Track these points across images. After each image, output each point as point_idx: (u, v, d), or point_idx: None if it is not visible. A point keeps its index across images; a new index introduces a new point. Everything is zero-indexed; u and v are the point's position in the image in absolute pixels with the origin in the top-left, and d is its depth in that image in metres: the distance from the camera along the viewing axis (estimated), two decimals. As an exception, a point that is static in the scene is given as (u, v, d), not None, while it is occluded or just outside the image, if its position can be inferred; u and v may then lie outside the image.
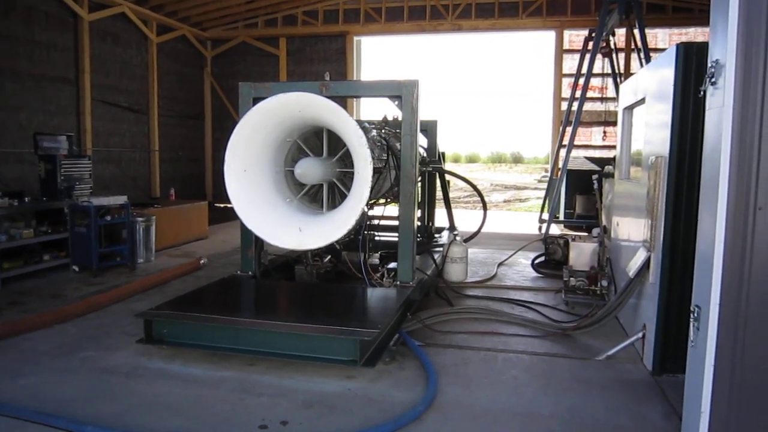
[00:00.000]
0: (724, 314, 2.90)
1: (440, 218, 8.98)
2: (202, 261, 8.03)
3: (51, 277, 7.33)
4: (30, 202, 7.47)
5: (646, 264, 4.43)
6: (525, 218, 15.57)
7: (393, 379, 4.20)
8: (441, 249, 7.34)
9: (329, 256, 6.51)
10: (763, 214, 2.69)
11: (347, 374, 4.18)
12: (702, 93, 3.09)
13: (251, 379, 4.14)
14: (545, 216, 12.53)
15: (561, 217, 13.16)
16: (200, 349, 4.32)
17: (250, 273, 5.84)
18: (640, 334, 4.56)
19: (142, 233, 8.31)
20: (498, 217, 16.55)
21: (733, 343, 2.90)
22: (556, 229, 12.72)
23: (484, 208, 8.24)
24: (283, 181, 5.55)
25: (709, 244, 2.86)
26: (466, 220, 14.11)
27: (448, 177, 8.78)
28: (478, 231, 8.50)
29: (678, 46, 4.03)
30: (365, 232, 5.63)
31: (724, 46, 2.74)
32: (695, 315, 3.05)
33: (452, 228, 9.39)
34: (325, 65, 16.42)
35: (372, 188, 5.58)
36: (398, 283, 5.47)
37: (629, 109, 5.89)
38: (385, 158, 5.80)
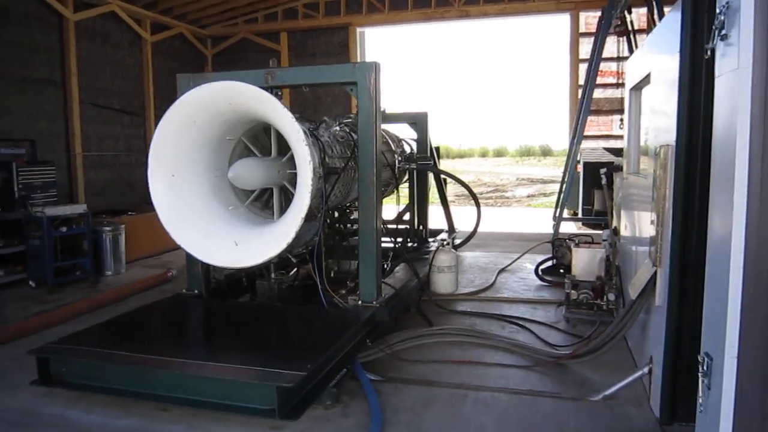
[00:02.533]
0: (746, 369, 2.00)
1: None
2: (170, 273, 7.34)
3: (3, 294, 6.72)
4: (-20, 213, 6.88)
5: (652, 281, 3.50)
6: (543, 215, 14.52)
7: (331, 430, 3.38)
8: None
9: (294, 269, 5.72)
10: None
11: (273, 424, 3.38)
12: (709, 53, 2.19)
13: (157, 430, 3.38)
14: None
15: (579, 213, 12.16)
16: (100, 392, 3.57)
17: (196, 292, 5.10)
18: (645, 369, 3.63)
19: (110, 243, 7.67)
20: (514, 215, 15.60)
21: (760, 413, 2.00)
22: (572, 227, 11.71)
23: (478, 208, 7.34)
24: (228, 186, 4.75)
25: (720, 260, 1.97)
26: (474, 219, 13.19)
27: (447, 174, 7.88)
28: (471, 236, 7.61)
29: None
30: (321, 243, 4.80)
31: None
32: (705, 368, 2.16)
33: (451, 230, 8.54)
34: (328, 59, 15.67)
35: (329, 192, 4.82)
36: (360, 303, 4.65)
37: (636, 89, 4.94)
38: (350, 156, 4.97)
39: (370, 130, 4.50)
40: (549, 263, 7.44)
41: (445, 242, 6.43)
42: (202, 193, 4.51)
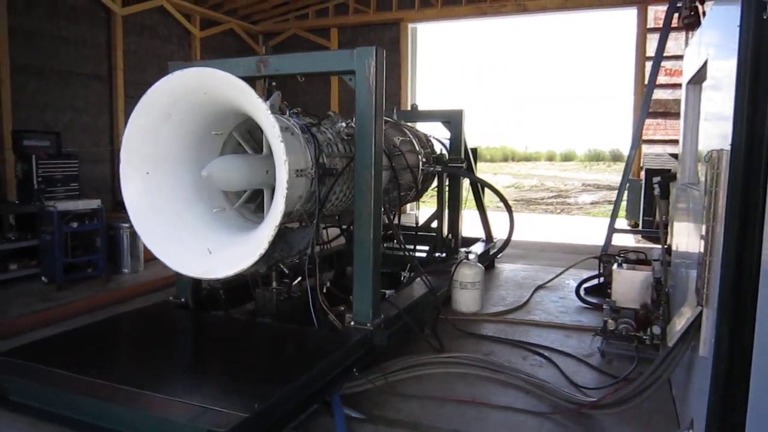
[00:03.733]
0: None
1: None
2: (183, 275, 6.98)
3: (15, 289, 6.58)
4: (-3, 205, 6.77)
5: (696, 323, 2.73)
6: (603, 225, 13.43)
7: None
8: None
9: (299, 278, 5.20)
10: None
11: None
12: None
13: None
14: (619, 224, 10.53)
15: (640, 225, 11.09)
16: (34, 416, 3.15)
17: (183, 300, 4.67)
18: (685, 434, 2.86)
19: (128, 241, 7.42)
20: (571, 224, 14.56)
21: None
22: (631, 240, 10.66)
23: (510, 216, 6.56)
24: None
25: None
26: (530, 226, 12.31)
27: (475, 178, 7.17)
28: (503, 248, 6.86)
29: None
30: (314, 252, 4.24)
31: None
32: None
33: (488, 239, 7.82)
34: (379, 56, 15.17)
35: (325, 195, 4.26)
36: (352, 324, 4.07)
37: (695, 82, 4.11)
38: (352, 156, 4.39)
39: (368, 126, 3.90)
40: (594, 281, 6.60)
41: (469, 254, 5.73)
42: (182, 193, 4.05)
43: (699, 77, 3.92)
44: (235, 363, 3.56)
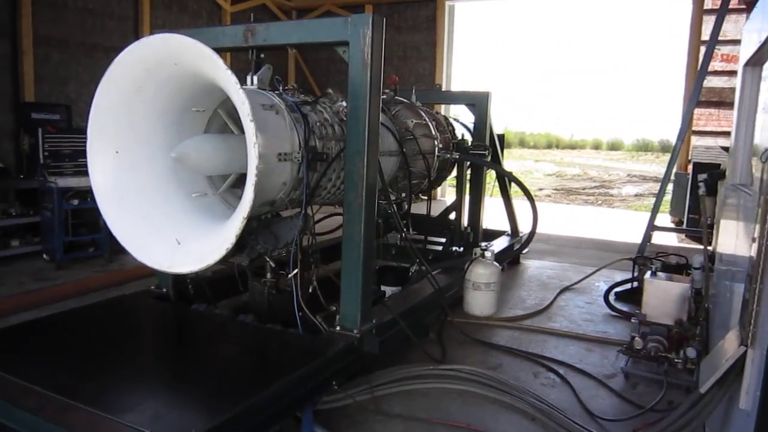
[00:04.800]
0: None
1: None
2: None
3: (15, 265, 6.40)
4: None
5: (738, 365, 2.17)
6: (644, 220, 12.62)
7: None
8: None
9: (295, 270, 4.78)
10: None
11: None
12: None
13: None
14: (662, 221, 9.77)
15: (684, 223, 10.27)
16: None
17: (164, 291, 4.31)
18: (715, 498, 2.31)
19: (135, 220, 7.14)
20: (612, 217, 13.74)
21: None
22: (674, 239, 9.87)
23: (534, 213, 5.96)
24: (199, 168, 3.87)
25: None
26: (566, 218, 11.59)
27: (495, 167, 6.58)
28: (526, 244, 6.28)
29: None
30: (300, 246, 3.79)
31: None
32: None
33: (514, 233, 7.25)
34: (414, 34, 14.58)
35: (316, 182, 3.81)
36: (338, 328, 3.62)
37: (754, 64, 3.45)
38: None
39: (361, 105, 3.41)
40: (627, 286, 5.98)
41: (485, 251, 5.19)
42: (157, 175, 3.64)
43: (759, 58, 3.27)
44: (196, 370, 3.16)
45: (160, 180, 3.66)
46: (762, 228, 1.99)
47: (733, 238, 3.12)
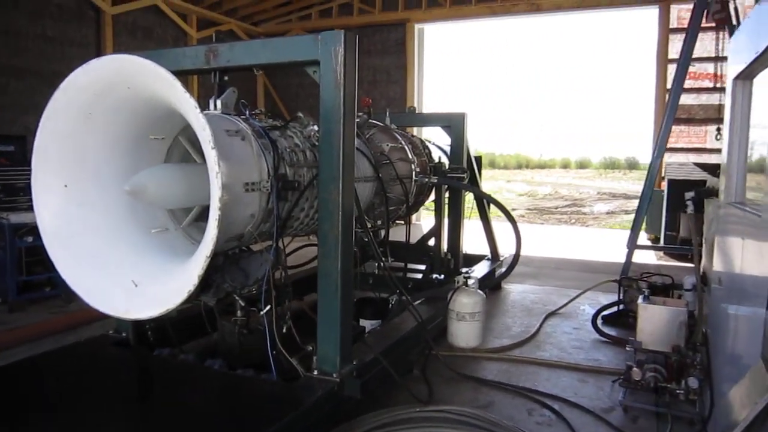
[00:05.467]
0: None
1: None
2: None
3: (-36, 311, 5.91)
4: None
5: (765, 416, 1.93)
6: (620, 239, 12.56)
7: None
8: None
9: (267, 307, 4.44)
10: None
11: None
12: None
13: None
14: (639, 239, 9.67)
15: (661, 240, 10.21)
16: None
17: (123, 335, 3.95)
18: None
19: (95, 256, 6.71)
20: (587, 237, 13.68)
21: None
22: (652, 257, 9.79)
23: (518, 239, 5.75)
24: (159, 200, 3.55)
25: None
26: (542, 239, 11.41)
27: (475, 191, 6.38)
28: (509, 271, 6.06)
29: None
30: (271, 283, 3.48)
31: None
32: None
33: (494, 257, 7.03)
34: (384, 58, 14.49)
35: (287, 212, 3.52)
36: (316, 372, 3.31)
37: (744, 78, 3.31)
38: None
39: (335, 129, 3.15)
40: (612, 310, 5.79)
41: (468, 279, 4.94)
42: (110, 210, 3.31)
43: (752, 71, 3.12)
44: (157, 428, 2.81)
45: (114, 216, 3.34)
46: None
47: (737, 259, 2.92)
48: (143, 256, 3.32)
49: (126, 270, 3.18)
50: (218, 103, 3.50)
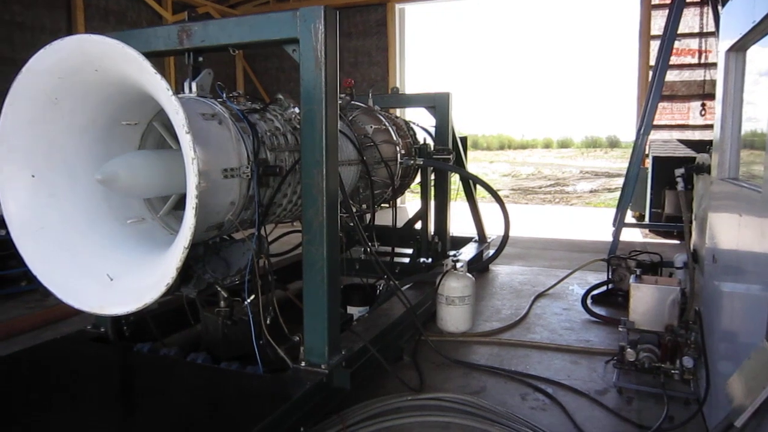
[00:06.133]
0: None
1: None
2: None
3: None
4: None
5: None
6: (605, 217, 12.55)
7: None
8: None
9: (252, 297, 4.32)
10: None
11: None
12: None
13: None
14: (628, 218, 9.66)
15: (646, 217, 10.20)
16: None
17: (102, 330, 3.80)
18: None
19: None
20: (571, 215, 13.69)
21: None
22: (637, 234, 9.80)
23: (506, 220, 5.66)
24: (134, 189, 3.38)
25: None
26: (527, 220, 11.35)
27: (461, 171, 6.27)
28: (498, 254, 5.98)
29: None
30: (255, 272, 3.35)
31: None
32: None
33: (482, 240, 6.95)
34: (365, 39, 14.23)
35: (269, 199, 3.38)
36: (303, 364, 3.20)
37: (737, 50, 3.21)
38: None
39: (316, 110, 3.01)
40: (602, 289, 5.75)
41: (456, 262, 4.85)
42: (82, 200, 3.15)
43: (745, 42, 3.03)
44: (139, 427, 2.68)
45: (87, 206, 3.18)
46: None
47: (734, 236, 2.85)
48: (118, 248, 3.17)
49: (100, 264, 3.03)
50: (193, 85, 3.33)
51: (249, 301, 3.59)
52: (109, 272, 2.92)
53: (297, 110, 3.79)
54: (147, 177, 2.94)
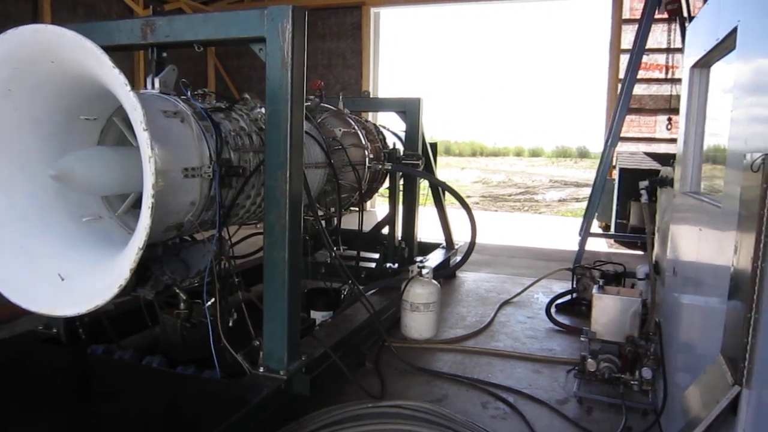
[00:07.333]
0: None
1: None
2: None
3: None
4: None
5: (730, 407, 1.87)
6: (572, 226, 12.71)
7: None
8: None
9: (212, 299, 4.22)
10: None
11: None
12: None
13: None
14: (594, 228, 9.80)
15: (612, 228, 10.37)
16: None
17: (54, 331, 3.66)
18: None
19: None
20: (540, 224, 13.85)
21: None
22: (603, 244, 9.96)
23: (473, 228, 5.67)
24: (91, 186, 3.26)
25: None
26: (496, 227, 11.43)
27: (430, 178, 6.27)
28: (464, 261, 5.99)
29: None
30: (214, 275, 3.27)
31: None
32: None
33: (449, 245, 6.95)
34: (339, 42, 14.19)
35: (232, 200, 3.31)
36: (262, 369, 3.13)
37: (701, 66, 3.27)
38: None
39: (282, 111, 2.95)
40: (566, 298, 5.80)
41: (422, 269, 4.83)
42: (35, 197, 3.03)
43: (709, 59, 3.08)
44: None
45: (41, 203, 3.06)
46: (756, 247, 1.71)
47: (694, 249, 2.89)
48: (73, 247, 3.05)
49: (52, 263, 2.91)
50: (156, 81, 3.24)
51: (209, 304, 3.51)
52: (62, 272, 2.81)
53: (263, 110, 3.72)
54: (103, 174, 2.84)
